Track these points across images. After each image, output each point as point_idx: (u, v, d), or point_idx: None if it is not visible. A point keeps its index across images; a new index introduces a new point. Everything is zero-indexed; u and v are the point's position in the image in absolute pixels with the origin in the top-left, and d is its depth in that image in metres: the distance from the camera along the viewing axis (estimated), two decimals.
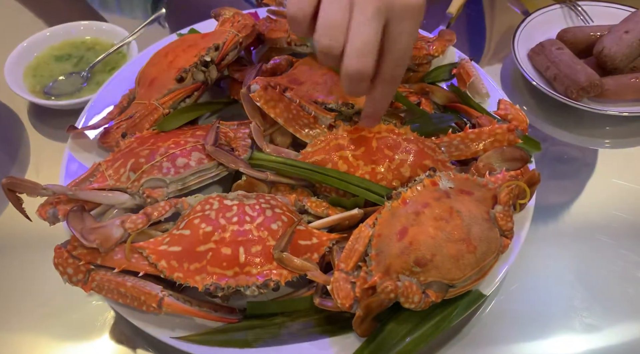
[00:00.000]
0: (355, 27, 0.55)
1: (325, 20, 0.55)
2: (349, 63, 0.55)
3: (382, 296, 0.56)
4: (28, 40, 0.92)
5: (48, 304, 0.69)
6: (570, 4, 1.00)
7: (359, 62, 0.55)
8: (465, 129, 0.72)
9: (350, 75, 0.56)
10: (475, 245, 0.59)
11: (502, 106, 0.74)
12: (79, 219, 0.59)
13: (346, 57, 0.55)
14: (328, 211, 0.67)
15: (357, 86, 0.58)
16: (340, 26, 0.55)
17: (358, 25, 0.54)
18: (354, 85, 0.58)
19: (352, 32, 0.55)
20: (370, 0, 0.54)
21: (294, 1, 0.56)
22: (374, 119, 0.68)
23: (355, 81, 0.57)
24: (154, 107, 0.74)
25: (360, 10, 0.54)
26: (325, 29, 0.55)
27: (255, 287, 0.59)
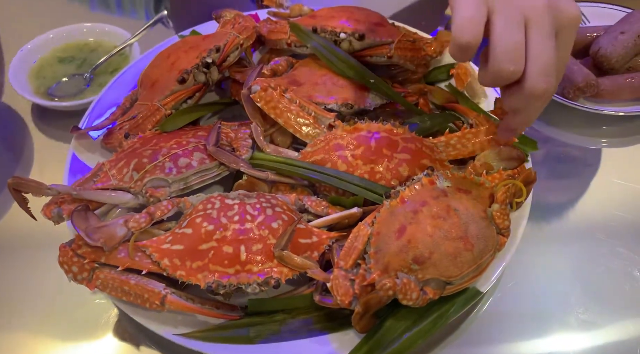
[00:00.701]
0: (536, 47, 0.54)
1: (505, 44, 0.53)
2: (535, 84, 0.54)
3: (380, 293, 0.57)
4: (32, 43, 0.94)
5: (52, 302, 0.70)
6: None
7: (545, 82, 0.54)
8: (463, 129, 0.73)
9: (537, 96, 0.55)
10: (473, 243, 0.60)
11: (498, 105, 0.75)
12: (83, 219, 0.61)
13: (531, 79, 0.54)
14: (328, 210, 0.68)
15: (541, 106, 0.58)
16: (521, 50, 0.53)
17: (539, 44, 0.54)
18: (539, 105, 0.58)
19: (534, 53, 0.54)
20: (547, 18, 0.54)
21: (466, 28, 0.53)
22: (514, 134, 0.67)
23: (542, 101, 0.57)
24: (156, 108, 0.75)
25: (538, 30, 0.54)
26: (506, 55, 0.53)
27: (256, 285, 0.60)
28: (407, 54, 0.84)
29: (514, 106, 0.59)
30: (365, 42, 0.83)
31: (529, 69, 0.54)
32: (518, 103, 0.58)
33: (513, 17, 0.54)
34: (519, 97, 0.56)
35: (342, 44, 0.83)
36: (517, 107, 0.59)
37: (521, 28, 0.54)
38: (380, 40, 0.83)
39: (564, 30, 0.56)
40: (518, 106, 0.59)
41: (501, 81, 0.56)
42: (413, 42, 0.85)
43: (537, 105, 0.59)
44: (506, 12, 0.54)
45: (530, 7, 0.54)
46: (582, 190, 0.84)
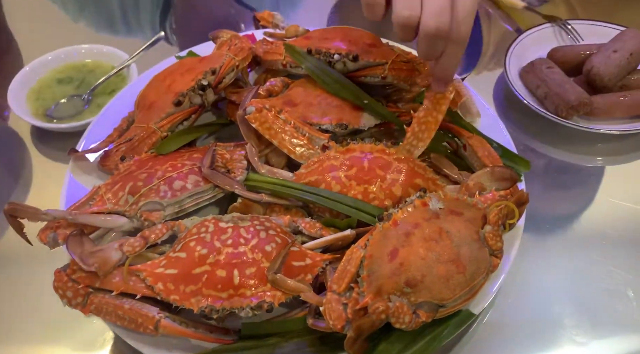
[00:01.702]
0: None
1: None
2: (428, 23, 0.62)
3: (373, 317, 0.57)
4: (30, 65, 0.95)
5: (49, 321, 0.71)
6: (560, 23, 1.02)
7: (437, 21, 0.61)
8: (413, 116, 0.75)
9: (429, 34, 0.62)
10: (465, 265, 0.60)
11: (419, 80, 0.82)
12: (78, 243, 0.61)
13: (424, 20, 0.62)
14: (322, 232, 0.68)
15: (435, 46, 0.65)
16: None
17: None
18: (432, 46, 0.64)
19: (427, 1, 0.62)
20: None
21: None
22: (446, 82, 0.73)
23: (433, 40, 0.63)
24: (152, 131, 0.76)
25: None
26: (402, 2, 0.62)
27: (249, 309, 0.60)
28: (401, 74, 0.85)
29: (422, 51, 0.66)
30: (359, 63, 0.84)
31: (422, 13, 0.62)
32: (424, 47, 0.65)
33: None
34: (421, 40, 0.64)
35: (336, 65, 0.84)
36: (425, 51, 0.66)
37: None
38: (374, 61, 0.84)
39: None
40: (425, 50, 0.65)
41: (403, 29, 0.64)
42: (407, 63, 0.86)
43: (449, 49, 0.65)
44: None
45: None
46: (576, 208, 0.84)
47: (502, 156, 0.77)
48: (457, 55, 0.67)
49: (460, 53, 0.68)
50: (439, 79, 0.73)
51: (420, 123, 0.74)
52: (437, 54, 0.67)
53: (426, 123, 0.74)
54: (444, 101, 0.75)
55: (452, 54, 0.67)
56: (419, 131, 0.74)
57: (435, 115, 0.74)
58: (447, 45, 0.65)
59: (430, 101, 0.75)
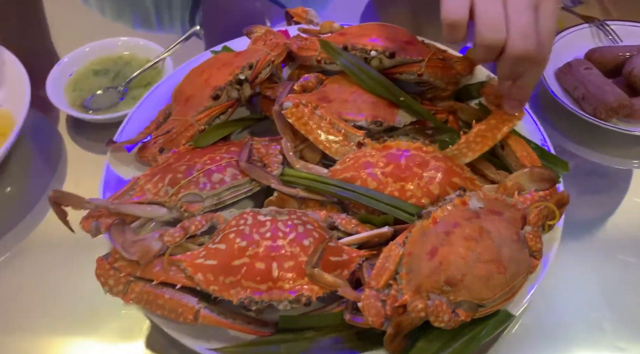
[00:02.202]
0: (514, 15, 0.61)
1: (486, 16, 0.61)
2: (514, 46, 0.61)
3: (412, 314, 0.57)
4: (69, 56, 0.96)
5: (88, 308, 0.72)
6: (598, 23, 1.00)
7: (524, 44, 0.61)
8: (474, 125, 0.74)
9: (514, 57, 0.61)
10: (505, 266, 0.60)
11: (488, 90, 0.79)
12: (120, 233, 0.62)
13: (511, 42, 0.61)
14: (357, 228, 0.68)
15: (518, 69, 0.64)
16: (501, 18, 0.61)
17: (516, 13, 0.61)
18: (515, 68, 0.64)
19: (512, 19, 0.61)
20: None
21: (452, 9, 0.62)
22: (521, 103, 0.72)
23: (518, 63, 0.63)
24: (190, 124, 0.76)
25: (514, 2, 0.61)
26: (488, 25, 0.61)
27: (288, 302, 0.61)
28: (438, 72, 0.84)
29: (504, 73, 0.66)
30: (396, 60, 0.84)
31: (508, 34, 0.61)
32: (507, 69, 0.65)
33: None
34: (504, 62, 0.63)
35: (372, 61, 0.84)
36: (507, 73, 0.66)
37: (499, 2, 0.61)
38: (411, 58, 0.84)
39: (544, 1, 0.62)
40: (508, 72, 0.65)
41: (487, 51, 0.63)
42: (443, 60, 0.86)
43: (530, 70, 0.65)
44: None
45: None
46: (612, 211, 0.83)
47: (540, 157, 0.76)
48: (537, 76, 0.67)
49: (540, 75, 0.68)
50: (514, 100, 0.71)
51: (478, 135, 0.73)
52: (518, 76, 0.66)
53: (484, 138, 0.73)
54: (510, 124, 0.73)
55: (532, 76, 0.66)
56: (474, 142, 0.73)
57: (495, 133, 0.73)
58: (528, 66, 0.64)
59: (495, 119, 0.74)
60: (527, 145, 0.77)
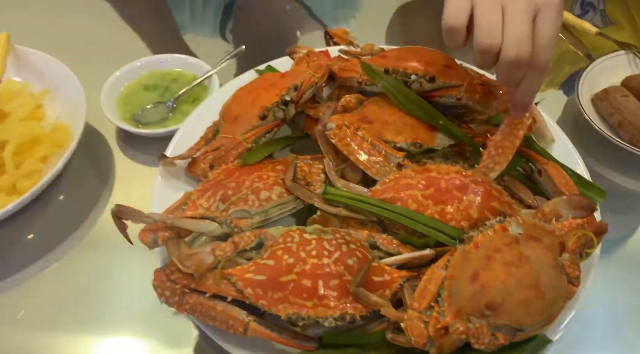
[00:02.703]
0: (510, 22, 0.64)
1: (483, 23, 0.65)
2: (508, 52, 0.64)
3: (454, 336, 0.59)
4: (121, 70, 1.01)
5: (138, 315, 0.76)
6: (635, 51, 1.01)
7: (517, 49, 0.63)
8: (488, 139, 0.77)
9: (509, 62, 0.64)
10: (544, 292, 0.62)
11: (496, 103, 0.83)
12: (176, 246, 0.66)
13: (504, 48, 0.64)
14: (399, 249, 0.71)
15: (514, 74, 0.67)
16: (497, 25, 0.64)
17: (512, 20, 0.64)
18: (512, 73, 0.66)
19: (507, 26, 0.64)
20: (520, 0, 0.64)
21: (451, 15, 0.66)
22: (524, 108, 0.74)
23: (513, 68, 0.65)
24: (239, 142, 0.80)
25: (512, 9, 0.64)
26: (484, 30, 0.65)
27: (333, 319, 0.64)
28: (476, 96, 0.86)
29: (502, 78, 0.68)
30: (436, 84, 0.86)
31: (503, 40, 0.64)
32: (504, 73, 0.67)
33: (490, 3, 0.65)
34: (501, 67, 0.66)
35: (412, 85, 0.87)
36: (505, 78, 0.68)
37: (498, 10, 0.64)
38: (450, 83, 0.86)
39: (543, 10, 0.65)
40: (505, 77, 0.67)
41: (483, 57, 0.66)
42: (482, 85, 0.88)
43: (529, 76, 0.67)
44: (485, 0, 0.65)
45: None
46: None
47: (577, 183, 0.78)
48: (536, 82, 0.69)
49: (539, 80, 0.69)
50: (518, 105, 0.74)
51: (497, 147, 0.76)
52: (517, 81, 0.68)
53: (503, 147, 0.76)
54: (522, 126, 0.76)
55: (531, 81, 0.68)
56: (496, 154, 0.76)
57: (512, 139, 0.76)
58: (527, 72, 0.67)
59: (507, 126, 0.77)
60: (564, 171, 0.79)
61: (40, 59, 1.01)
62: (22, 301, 0.79)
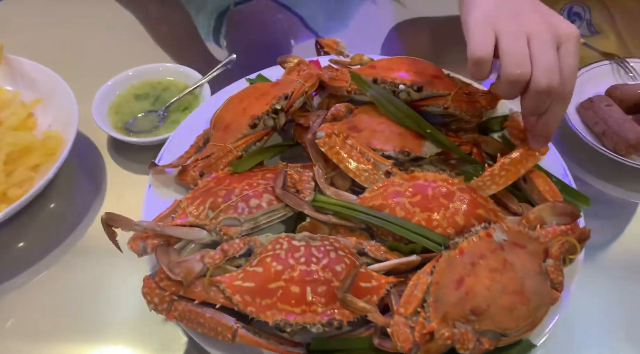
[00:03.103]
0: (538, 52, 0.65)
1: (511, 53, 0.66)
2: (540, 81, 0.65)
3: (439, 342, 0.60)
4: (113, 80, 1.02)
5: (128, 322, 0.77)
6: (619, 61, 1.03)
7: (549, 78, 0.65)
8: (498, 159, 0.77)
9: (540, 92, 0.66)
10: (528, 297, 0.63)
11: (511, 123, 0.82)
12: (165, 254, 0.66)
13: (536, 77, 0.65)
14: (386, 255, 0.72)
15: (544, 103, 0.68)
16: (526, 55, 0.65)
17: (540, 50, 0.65)
18: (541, 102, 0.68)
19: (537, 56, 0.65)
20: (545, 32, 0.66)
21: (478, 47, 0.67)
22: (546, 139, 0.75)
23: (544, 97, 0.67)
24: (229, 150, 0.81)
25: (538, 39, 0.66)
26: (513, 60, 0.66)
27: (320, 325, 0.64)
28: (463, 105, 0.88)
29: (530, 108, 0.69)
30: (423, 94, 0.88)
31: (534, 70, 0.65)
32: (532, 104, 0.68)
33: (516, 34, 0.66)
34: (531, 97, 0.67)
35: (400, 94, 0.88)
36: (532, 108, 0.69)
37: (524, 40, 0.66)
38: (437, 92, 0.88)
39: (565, 42, 0.67)
40: (533, 107, 0.68)
41: (512, 87, 0.67)
42: (468, 95, 0.89)
43: (554, 106, 0.68)
44: (510, 30, 0.67)
45: (530, 26, 0.67)
46: (631, 244, 0.85)
47: (562, 190, 0.80)
48: (561, 112, 0.70)
49: (563, 111, 0.71)
50: (539, 135, 0.74)
51: (502, 169, 0.77)
52: (542, 111, 0.69)
53: (507, 171, 0.77)
54: (533, 159, 0.77)
55: (557, 111, 0.70)
56: (498, 175, 0.77)
57: (519, 168, 0.77)
58: (552, 102, 0.68)
59: (520, 154, 0.77)
60: (549, 179, 0.80)
61: (33, 69, 1.02)
62: (12, 309, 0.80)
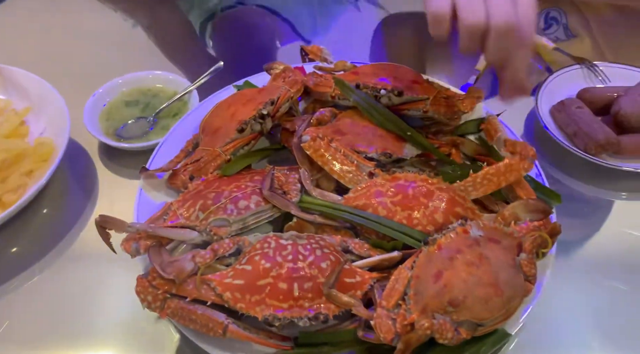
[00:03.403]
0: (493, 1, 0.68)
1: (467, 4, 0.68)
2: (497, 21, 0.67)
3: (419, 332, 0.64)
4: (103, 87, 1.05)
5: (122, 322, 0.79)
6: (589, 65, 1.09)
7: (505, 18, 0.67)
8: (484, 167, 0.80)
9: (499, 33, 0.68)
10: (503, 289, 0.67)
11: (508, 143, 0.82)
12: (157, 254, 0.69)
13: (493, 17, 0.67)
14: (370, 252, 0.75)
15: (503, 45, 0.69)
16: (481, 4, 0.68)
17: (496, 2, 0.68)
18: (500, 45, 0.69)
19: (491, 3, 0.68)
20: None
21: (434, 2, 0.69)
22: (520, 89, 0.75)
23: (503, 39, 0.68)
24: (217, 154, 0.84)
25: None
26: (468, 9, 0.68)
27: (307, 319, 0.68)
28: (441, 109, 0.92)
29: (491, 51, 0.70)
30: (403, 98, 0.92)
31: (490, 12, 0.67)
32: (494, 47, 0.69)
33: None
34: (489, 42, 0.69)
35: (382, 99, 0.92)
36: (494, 54, 0.70)
37: None
38: (417, 97, 0.92)
39: None
40: (495, 53, 0.70)
41: (470, 36, 0.69)
42: (447, 99, 0.94)
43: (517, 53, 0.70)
44: None
45: None
46: (602, 239, 0.90)
47: (535, 189, 0.84)
48: (525, 58, 0.71)
49: (528, 56, 0.71)
50: (512, 86, 0.75)
51: (485, 177, 0.79)
52: (505, 56, 0.71)
53: (490, 181, 0.79)
54: (517, 174, 0.79)
55: (521, 57, 0.71)
56: (480, 183, 0.80)
57: (501, 179, 0.79)
58: (514, 49, 0.70)
59: (505, 167, 0.79)
60: (523, 178, 0.84)
61: (24, 77, 1.04)
62: (5, 314, 0.81)
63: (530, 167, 0.80)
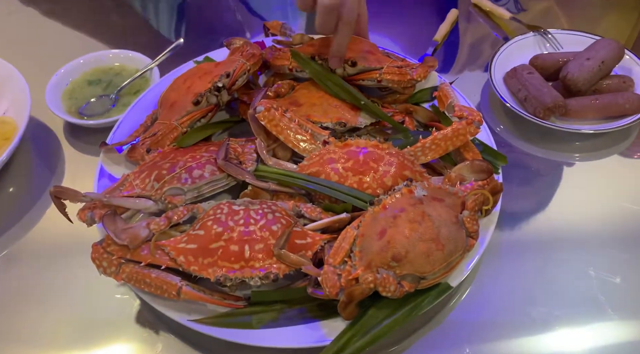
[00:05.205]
0: None
1: None
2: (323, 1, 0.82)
3: (363, 285, 0.67)
4: (65, 67, 1.06)
5: (81, 300, 0.81)
6: (542, 32, 1.11)
7: None
8: (433, 132, 0.83)
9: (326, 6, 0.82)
10: (444, 244, 0.70)
11: (456, 109, 0.85)
12: (112, 221, 0.72)
13: None
14: (321, 216, 0.78)
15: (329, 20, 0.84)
16: None
17: None
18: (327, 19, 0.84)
19: None
20: None
21: None
22: (340, 58, 0.91)
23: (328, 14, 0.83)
24: (174, 127, 0.86)
25: None
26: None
27: (258, 278, 0.70)
28: (395, 78, 0.94)
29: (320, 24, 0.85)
30: (357, 68, 0.94)
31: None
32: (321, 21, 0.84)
33: None
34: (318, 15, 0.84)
35: (337, 70, 0.94)
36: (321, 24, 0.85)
37: None
38: (371, 67, 0.94)
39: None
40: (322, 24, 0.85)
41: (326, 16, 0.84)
42: (400, 68, 0.96)
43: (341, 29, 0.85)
44: None
45: None
46: (550, 201, 0.92)
47: (483, 151, 0.87)
48: (347, 34, 0.87)
49: (348, 35, 0.87)
50: (334, 56, 0.90)
51: (434, 142, 0.82)
52: (331, 29, 0.86)
53: (438, 145, 0.82)
54: (463, 138, 0.82)
55: (342, 35, 0.87)
56: (429, 148, 0.83)
57: (448, 144, 0.82)
58: (338, 25, 0.85)
59: (453, 131, 0.82)
60: (470, 141, 0.87)
61: None
62: None
63: (477, 131, 0.83)
